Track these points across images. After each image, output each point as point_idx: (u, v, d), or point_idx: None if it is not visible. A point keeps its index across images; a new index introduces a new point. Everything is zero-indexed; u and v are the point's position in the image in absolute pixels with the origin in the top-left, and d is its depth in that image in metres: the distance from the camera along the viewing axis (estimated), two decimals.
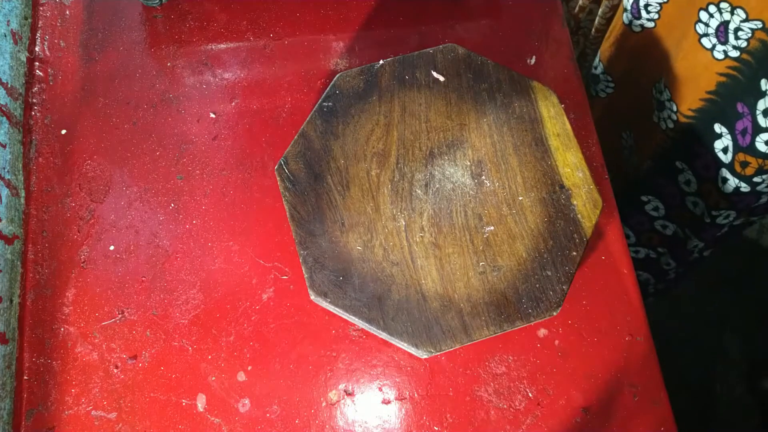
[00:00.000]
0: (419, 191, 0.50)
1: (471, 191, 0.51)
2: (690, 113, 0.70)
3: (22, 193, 0.60)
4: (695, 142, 0.71)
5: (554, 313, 0.47)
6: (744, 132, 0.63)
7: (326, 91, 0.53)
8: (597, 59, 0.87)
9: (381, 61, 0.55)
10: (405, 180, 0.51)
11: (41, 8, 0.68)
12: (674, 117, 0.73)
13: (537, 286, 0.48)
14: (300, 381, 0.56)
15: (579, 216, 0.50)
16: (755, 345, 1.22)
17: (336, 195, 0.50)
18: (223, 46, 0.68)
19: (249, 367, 0.56)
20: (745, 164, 0.65)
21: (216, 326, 0.57)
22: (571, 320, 0.58)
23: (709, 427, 1.16)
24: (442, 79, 0.54)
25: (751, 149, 0.63)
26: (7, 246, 0.56)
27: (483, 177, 0.51)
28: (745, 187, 0.67)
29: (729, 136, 0.66)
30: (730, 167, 0.67)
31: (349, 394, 0.55)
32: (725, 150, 0.66)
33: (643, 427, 0.56)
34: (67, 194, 0.61)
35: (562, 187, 0.51)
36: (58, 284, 0.58)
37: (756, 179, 0.65)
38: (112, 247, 0.59)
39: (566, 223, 0.50)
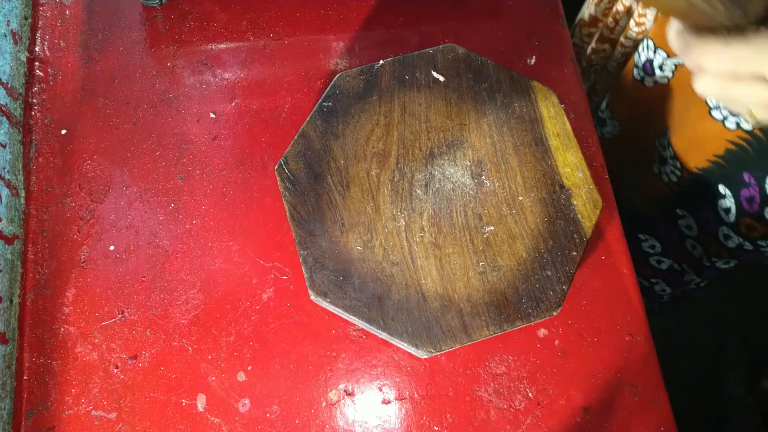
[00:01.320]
0: (419, 191, 0.50)
1: (471, 191, 0.51)
2: (695, 170, 0.68)
3: (22, 193, 0.60)
4: (698, 196, 0.69)
5: (554, 313, 0.47)
6: (751, 200, 0.61)
7: (326, 91, 0.53)
8: (604, 104, 0.86)
9: (381, 61, 0.55)
10: (405, 180, 0.51)
11: (41, 8, 0.68)
12: (678, 173, 0.71)
13: (537, 286, 0.48)
14: (300, 381, 0.56)
15: (579, 216, 0.50)
16: (755, 345, 1.22)
17: (336, 195, 0.50)
18: (223, 46, 0.68)
19: (249, 367, 0.56)
20: (751, 228, 0.63)
21: (216, 326, 0.57)
22: (571, 320, 0.58)
23: (708, 427, 1.16)
24: (442, 79, 0.54)
25: (759, 217, 0.62)
26: (7, 246, 0.56)
27: (483, 177, 0.51)
28: (748, 246, 0.66)
29: (732, 200, 0.64)
30: (732, 227, 0.66)
31: (349, 394, 0.55)
32: (728, 211, 0.65)
33: (643, 427, 0.56)
34: (67, 194, 0.61)
35: (562, 187, 0.51)
36: (58, 284, 0.58)
37: (761, 243, 0.64)
38: (112, 247, 0.59)
39: (566, 223, 0.50)
